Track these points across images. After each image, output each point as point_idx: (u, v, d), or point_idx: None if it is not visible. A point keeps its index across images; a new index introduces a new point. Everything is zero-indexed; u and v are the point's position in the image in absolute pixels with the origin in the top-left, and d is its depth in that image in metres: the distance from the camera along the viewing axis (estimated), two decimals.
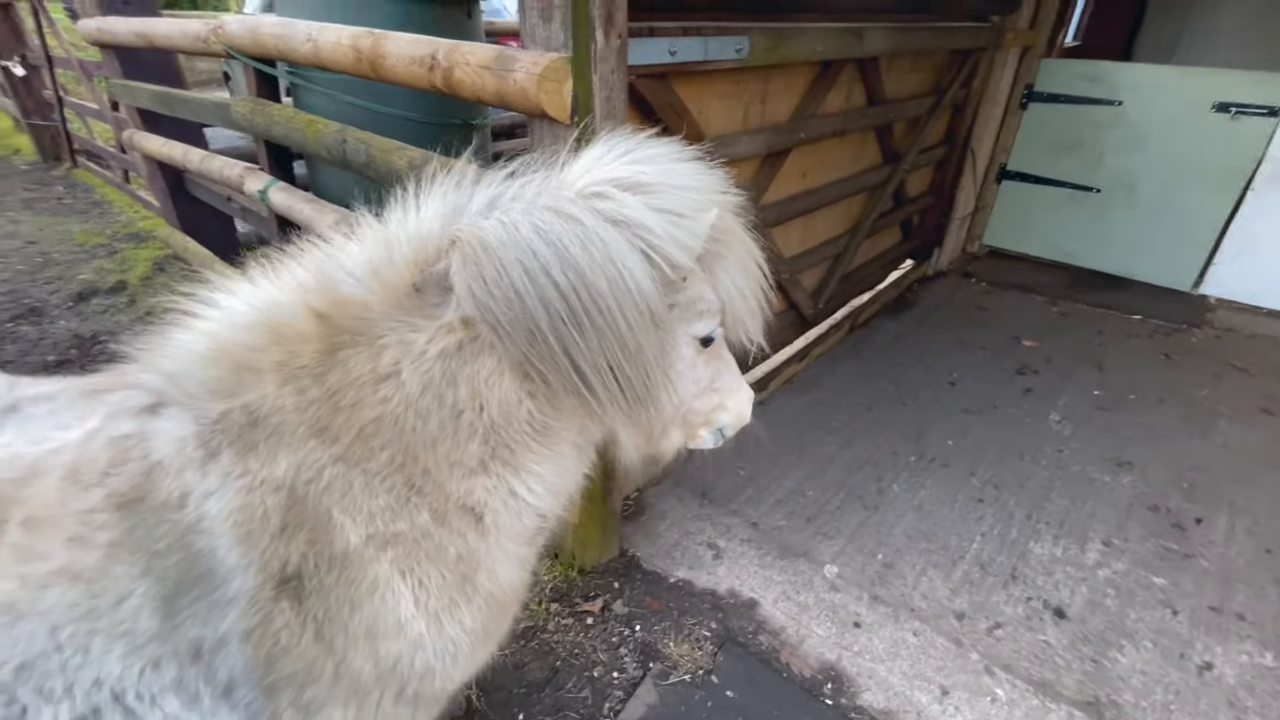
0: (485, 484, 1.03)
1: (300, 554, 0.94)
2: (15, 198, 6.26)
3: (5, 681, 0.86)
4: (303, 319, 0.93)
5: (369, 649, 1.01)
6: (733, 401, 1.27)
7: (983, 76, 4.27)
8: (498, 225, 0.90)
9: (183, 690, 0.94)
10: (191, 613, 0.91)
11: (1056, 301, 4.60)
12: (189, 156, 3.38)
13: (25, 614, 0.86)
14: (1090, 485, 2.86)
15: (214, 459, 0.92)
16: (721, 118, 2.46)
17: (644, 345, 0.96)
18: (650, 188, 0.96)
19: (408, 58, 1.74)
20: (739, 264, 1.09)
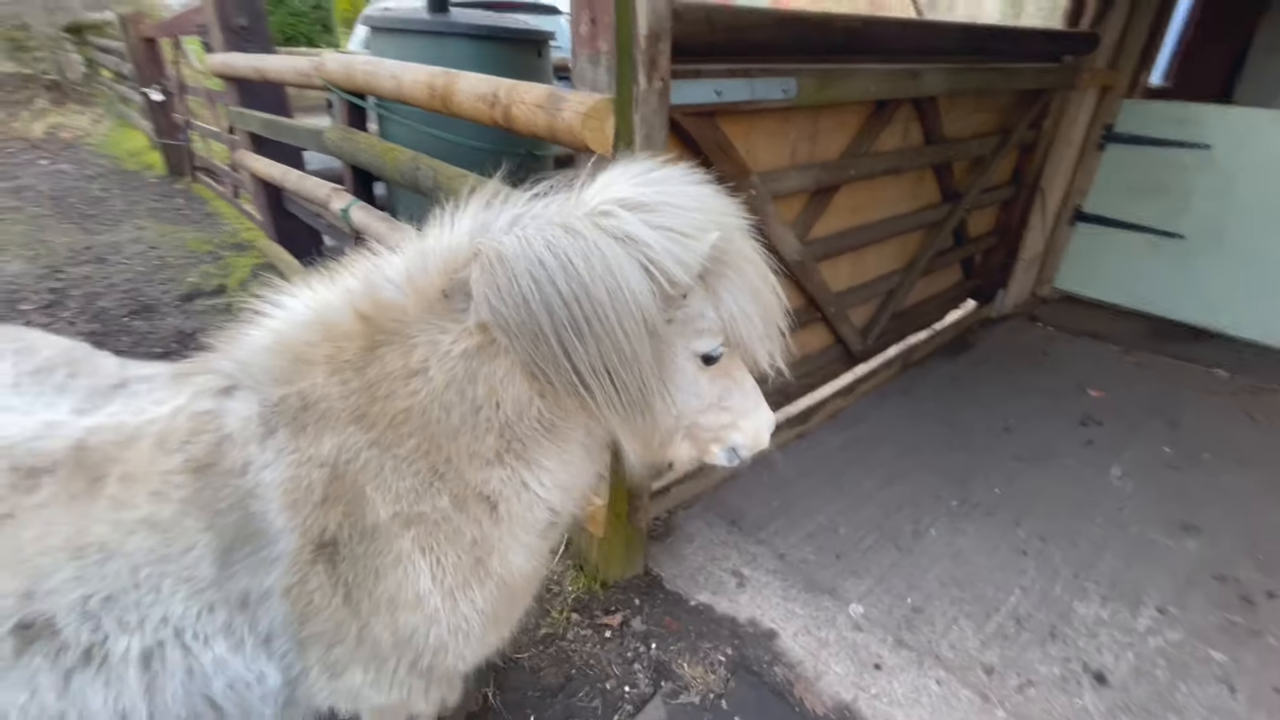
0: (500, 475, 1.13)
1: (336, 524, 1.07)
2: (144, 207, 7.05)
3: (93, 610, 1.03)
4: (349, 319, 1.07)
5: (389, 617, 1.13)
6: (747, 423, 1.28)
7: (1054, 117, 4.16)
8: (513, 239, 1.01)
9: (231, 634, 1.08)
10: (243, 566, 1.06)
11: (1131, 351, 4.35)
12: (287, 176, 3.76)
13: (114, 554, 1.03)
14: (1150, 547, 2.69)
15: (272, 436, 1.07)
16: (768, 154, 2.53)
17: (639, 353, 1.02)
18: (652, 207, 1.03)
19: (473, 95, 1.93)
20: (745, 286, 1.12)
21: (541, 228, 1.02)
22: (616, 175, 1.11)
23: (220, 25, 4.20)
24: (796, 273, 2.87)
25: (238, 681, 1.13)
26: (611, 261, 0.99)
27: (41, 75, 11.15)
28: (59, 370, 1.26)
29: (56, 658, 1.04)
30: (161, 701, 1.09)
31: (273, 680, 1.15)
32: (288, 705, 1.24)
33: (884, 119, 2.91)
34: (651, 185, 1.06)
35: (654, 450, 1.24)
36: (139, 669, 1.06)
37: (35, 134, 9.98)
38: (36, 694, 1.05)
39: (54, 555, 1.02)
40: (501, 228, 1.06)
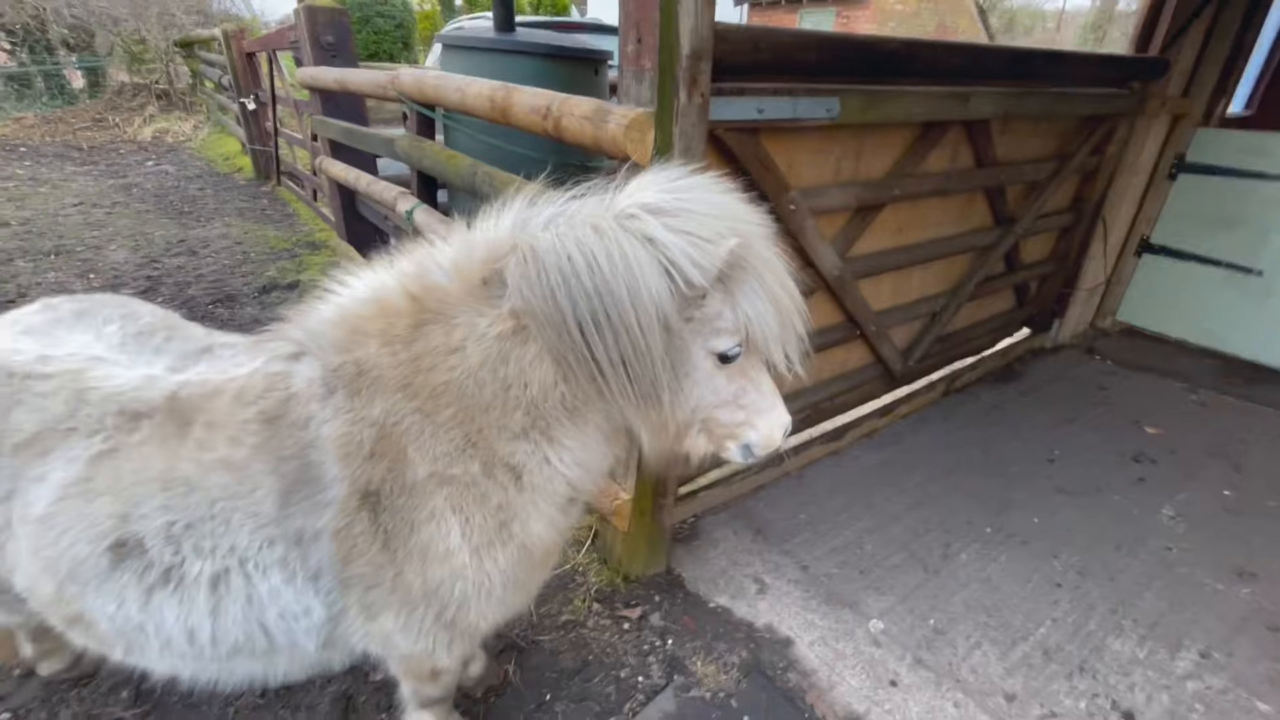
0: (525, 448, 1.25)
1: (381, 477, 1.21)
2: (233, 206, 7.65)
3: (175, 535, 1.20)
4: (401, 298, 1.21)
5: (420, 567, 1.25)
6: (762, 421, 1.33)
7: (1119, 143, 4.04)
8: (548, 236, 1.13)
9: (285, 568, 1.23)
10: (299, 507, 1.21)
11: (1196, 390, 4.14)
12: (360, 180, 4.05)
13: (196, 488, 1.20)
14: (1198, 590, 2.56)
15: (331, 396, 1.22)
16: (811, 171, 2.60)
17: (652, 347, 1.11)
18: (674, 212, 1.12)
19: (528, 107, 2.08)
20: (763, 291, 1.19)
21: (574, 226, 1.13)
22: (647, 181, 1.21)
23: (311, 41, 4.58)
24: (835, 288, 2.90)
25: (288, 612, 1.27)
26: (632, 261, 1.08)
27: (153, 85, 12.25)
28: (158, 334, 1.47)
29: (142, 575, 1.21)
30: (223, 624, 1.24)
31: (317, 615, 1.29)
32: (327, 644, 1.38)
33: (932, 140, 2.93)
34: (677, 191, 1.15)
35: (669, 440, 1.31)
36: (208, 591, 1.22)
37: (144, 137, 10.97)
38: (123, 605, 1.23)
39: (147, 486, 1.20)
40: (539, 224, 1.17)
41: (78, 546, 1.20)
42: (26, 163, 9.00)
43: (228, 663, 1.35)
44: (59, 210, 6.97)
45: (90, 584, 1.22)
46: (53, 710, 1.96)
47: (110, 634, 1.29)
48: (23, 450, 1.23)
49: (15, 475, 1.24)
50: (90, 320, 1.46)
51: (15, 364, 1.29)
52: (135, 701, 1.99)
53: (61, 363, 1.31)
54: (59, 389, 1.26)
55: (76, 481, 1.20)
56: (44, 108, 11.69)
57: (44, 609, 1.34)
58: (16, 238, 6.03)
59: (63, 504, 1.20)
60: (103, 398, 1.26)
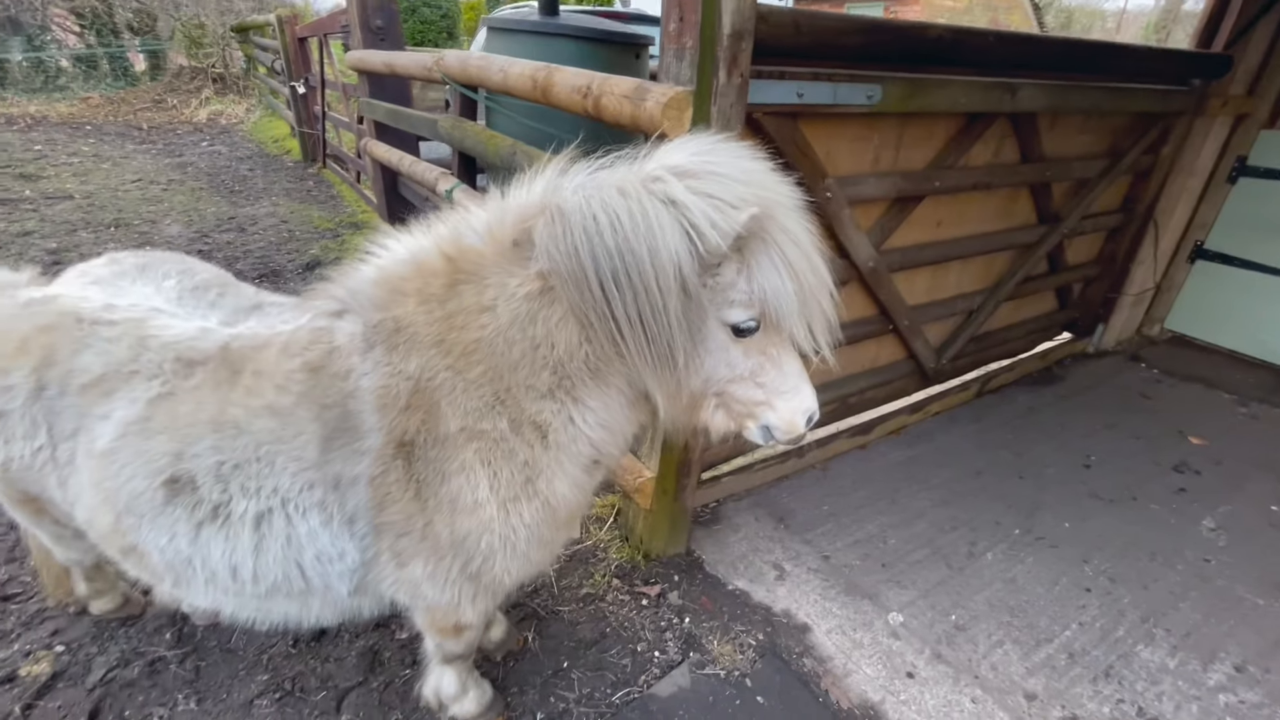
0: (551, 407, 1.28)
1: (415, 429, 1.26)
2: (280, 187, 7.90)
3: (225, 474, 1.27)
4: (437, 259, 1.26)
5: (449, 517, 1.30)
6: (783, 404, 1.29)
7: (1175, 143, 3.89)
8: (575, 197, 1.15)
9: (323, 511, 1.29)
10: (339, 454, 1.27)
11: (1247, 403, 3.98)
12: (403, 161, 4.15)
13: (244, 431, 1.27)
14: (1237, 604, 2.48)
15: (370, 350, 1.28)
16: (849, 159, 2.57)
17: (669, 308, 1.12)
18: (699, 175, 1.12)
19: (569, 87, 2.11)
20: (783, 264, 1.15)
21: (601, 188, 1.15)
22: (676, 146, 1.22)
23: (361, 25, 4.70)
24: (869, 280, 2.87)
25: (324, 554, 1.33)
26: (654, 221, 1.09)
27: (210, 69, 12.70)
28: (212, 289, 1.55)
29: (193, 510, 1.28)
30: (264, 561, 1.31)
31: (351, 558, 1.35)
32: (359, 590, 1.44)
33: (975, 132, 2.87)
34: (704, 155, 1.16)
35: (683, 409, 1.31)
36: (251, 529, 1.29)
37: (200, 119, 11.39)
38: (174, 539, 1.30)
39: (200, 427, 1.27)
40: (569, 188, 1.19)
41: (135, 481, 1.28)
42: (91, 140, 9.43)
43: (266, 601, 1.42)
44: (119, 185, 7.30)
45: (145, 516, 1.30)
46: (103, 645, 2.08)
47: (161, 566, 1.37)
48: (89, 390, 1.31)
49: (82, 413, 1.32)
50: (151, 274, 1.55)
51: (84, 310, 1.38)
52: (178, 642, 2.10)
53: (125, 312, 1.39)
54: (123, 335, 1.34)
55: (137, 420, 1.28)
56: (108, 89, 12.23)
57: (102, 540, 1.43)
58: (80, 210, 6.34)
59: (124, 440, 1.28)
60: (162, 345, 1.34)
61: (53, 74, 12.01)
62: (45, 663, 2.01)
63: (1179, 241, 4.48)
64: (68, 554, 1.84)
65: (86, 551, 1.81)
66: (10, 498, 1.59)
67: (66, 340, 1.34)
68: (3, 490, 1.57)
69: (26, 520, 1.71)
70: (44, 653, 2.05)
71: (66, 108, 11.05)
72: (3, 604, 2.21)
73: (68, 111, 10.93)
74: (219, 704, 1.92)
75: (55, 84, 11.92)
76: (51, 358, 1.33)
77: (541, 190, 1.22)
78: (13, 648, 2.06)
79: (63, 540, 1.76)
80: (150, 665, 2.02)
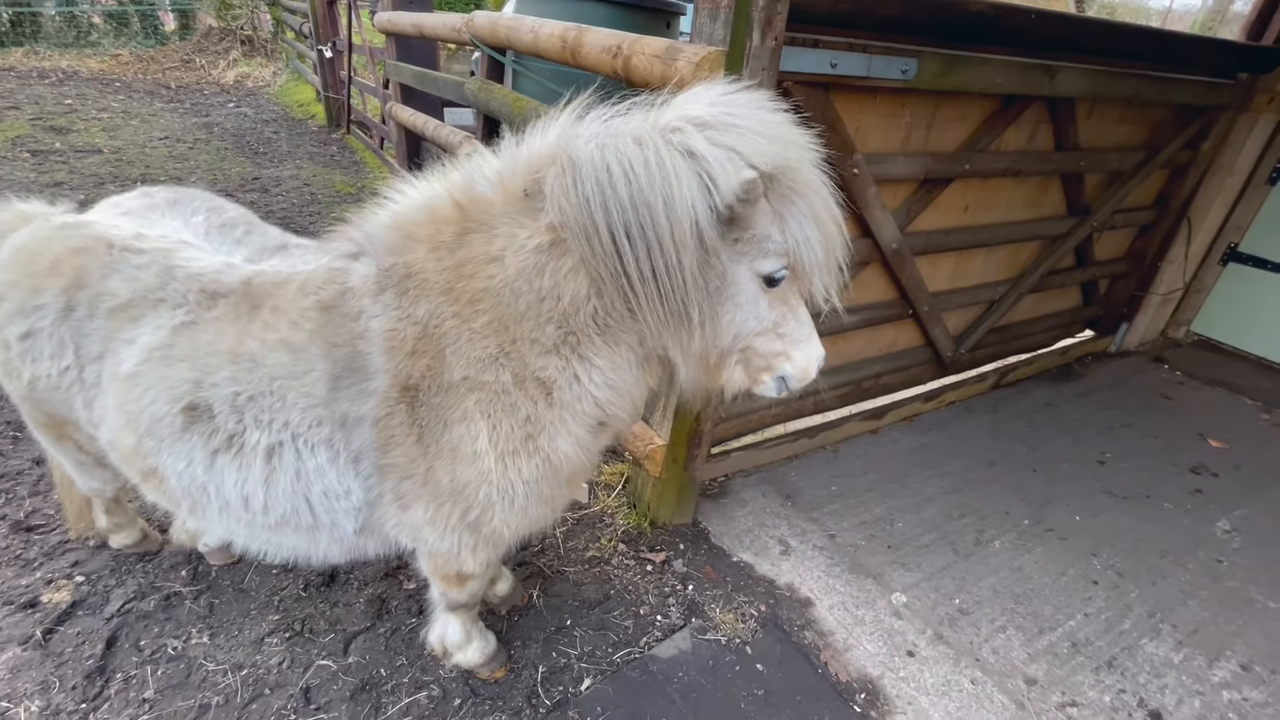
0: (556, 364, 1.27)
1: (420, 374, 1.26)
2: (304, 150, 7.92)
3: (240, 405, 1.29)
4: (449, 207, 1.25)
5: (450, 464, 1.31)
6: (799, 353, 1.30)
7: (1216, 139, 3.78)
8: (588, 146, 1.12)
9: (330, 448, 1.31)
10: (346, 393, 1.28)
11: (1271, 410, 3.90)
12: (427, 125, 4.15)
13: (259, 364, 1.28)
14: (1247, 605, 2.45)
15: (382, 293, 1.28)
16: (879, 136, 2.53)
17: (685, 263, 1.09)
18: (719, 126, 1.09)
19: (599, 47, 2.09)
20: (811, 214, 1.16)
21: (616, 137, 1.12)
22: (696, 94, 1.18)
23: None
24: (892, 262, 2.84)
25: (330, 491, 1.35)
26: (670, 174, 1.06)
27: (238, 31, 12.71)
28: (239, 228, 1.56)
29: (209, 438, 1.30)
30: (274, 493, 1.34)
31: (356, 496, 1.37)
32: (365, 529, 1.46)
33: (1010, 116, 2.81)
34: (725, 105, 1.12)
35: (708, 370, 1.29)
36: (263, 461, 1.31)
37: (227, 80, 11.42)
38: (191, 465, 1.33)
39: (219, 357, 1.29)
40: (583, 137, 1.16)
41: (157, 405, 1.30)
42: (120, 97, 9.50)
43: (276, 533, 1.45)
44: (146, 142, 7.36)
45: (165, 440, 1.33)
46: (120, 578, 2.14)
47: (178, 491, 1.40)
48: (117, 314, 1.34)
49: (109, 337, 1.35)
50: (181, 209, 1.57)
51: (115, 237, 1.40)
52: (193, 580, 2.15)
53: (154, 241, 1.41)
54: (151, 263, 1.36)
55: (160, 346, 1.30)
56: (139, 46, 12.29)
57: (124, 462, 1.46)
58: (108, 164, 6.41)
59: (147, 365, 1.30)
60: (188, 275, 1.36)
61: (84, 29, 12.09)
62: (65, 591, 2.07)
63: (1212, 242, 4.37)
64: (89, 483, 1.89)
65: (107, 481, 1.86)
66: (36, 420, 1.63)
67: (97, 264, 1.36)
68: (29, 411, 1.61)
69: (49, 443, 1.75)
70: (65, 582, 2.11)
71: (97, 63, 11.13)
72: (27, 534, 2.27)
73: (98, 67, 11.01)
74: (231, 639, 1.97)
75: (87, 39, 12.00)
76: (82, 280, 1.35)
77: (555, 138, 1.19)
78: (35, 575, 2.12)
79: (84, 468, 1.80)
80: (166, 599, 2.08)
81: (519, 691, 1.89)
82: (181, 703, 1.78)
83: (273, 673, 1.88)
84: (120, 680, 1.83)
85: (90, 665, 1.85)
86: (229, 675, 1.86)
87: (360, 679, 1.88)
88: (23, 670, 1.83)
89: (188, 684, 1.83)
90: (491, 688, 1.89)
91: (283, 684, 1.86)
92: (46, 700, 1.76)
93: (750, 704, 1.92)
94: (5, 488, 2.46)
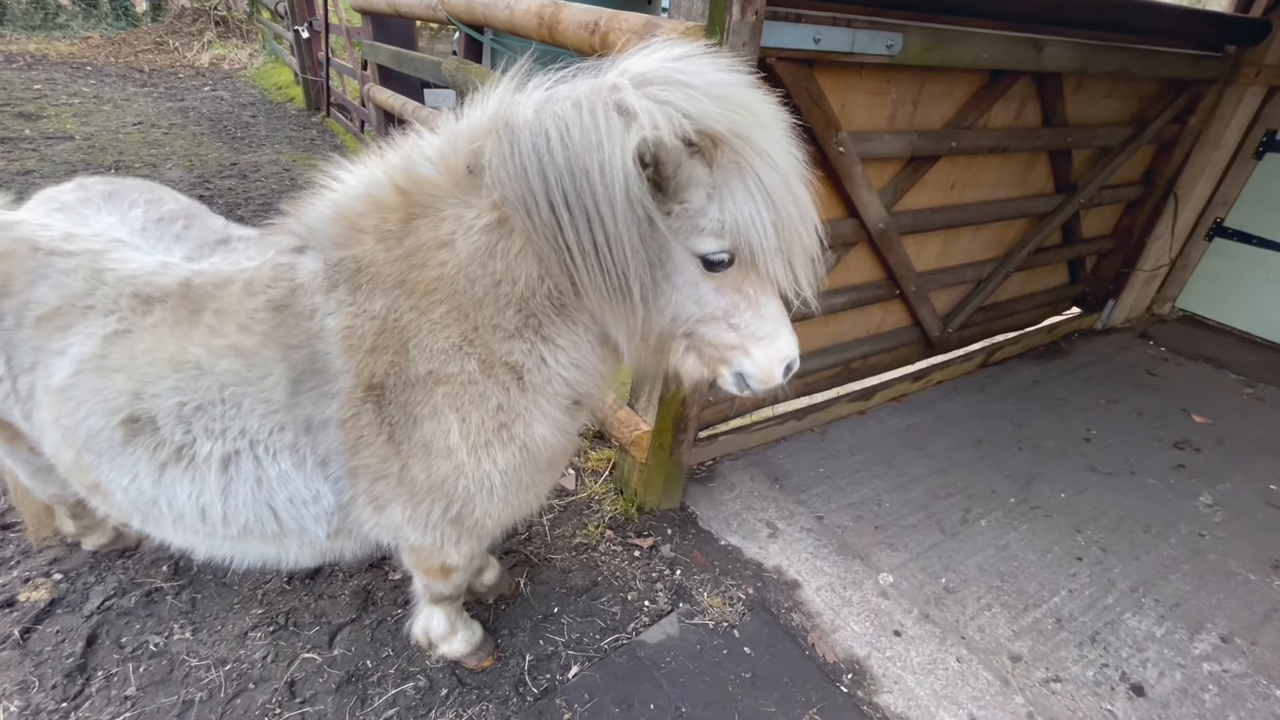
0: (522, 347, 1.22)
1: (384, 371, 1.22)
2: (283, 135, 7.75)
3: (187, 415, 1.24)
4: (391, 193, 1.17)
5: (425, 461, 1.28)
6: (758, 350, 1.16)
7: (1204, 113, 3.76)
8: (525, 111, 1.03)
9: (295, 453, 1.27)
10: (308, 396, 1.24)
11: (1254, 384, 3.93)
12: (405, 106, 4.05)
13: (206, 371, 1.23)
14: (1228, 579, 2.48)
15: (334, 290, 1.22)
16: (864, 113, 2.48)
17: (624, 235, 1.00)
18: (660, 82, 0.98)
19: (577, 23, 2.03)
20: (759, 191, 1.01)
21: (554, 101, 1.02)
22: (647, 52, 1.06)
23: None
24: (879, 243, 2.81)
25: (297, 497, 1.31)
26: (604, 132, 0.95)
27: (213, 11, 12.37)
28: (178, 221, 1.50)
29: (154, 451, 1.26)
30: (234, 504, 1.30)
31: (327, 501, 1.33)
32: (339, 533, 1.43)
33: (997, 91, 2.77)
34: (675, 63, 1.01)
35: (649, 351, 1.20)
36: (218, 471, 1.27)
37: (202, 63, 11.14)
38: (137, 479, 1.29)
39: (160, 367, 1.24)
40: (523, 104, 1.06)
41: (92, 419, 1.25)
42: (91, 81, 9.23)
43: (240, 542, 1.41)
44: (120, 128, 7.17)
45: (105, 455, 1.28)
46: (100, 575, 2.11)
47: (126, 505, 1.35)
48: (45, 323, 1.28)
49: (38, 348, 1.29)
50: (117, 202, 1.49)
51: (41, 239, 1.33)
52: (174, 575, 2.12)
53: (85, 242, 1.34)
54: (79, 267, 1.30)
55: (92, 357, 1.25)
56: (109, 29, 11.94)
57: (68, 475, 1.42)
58: (80, 151, 6.24)
59: (80, 377, 1.25)
60: (119, 279, 1.29)
61: (52, 11, 11.72)
62: (44, 590, 2.04)
63: (1198, 218, 4.37)
64: (46, 489, 1.83)
65: (65, 486, 1.80)
66: None
67: (22, 270, 1.30)
68: None
69: (2, 448, 1.69)
70: (43, 580, 2.08)
71: (66, 47, 10.81)
72: (2, 532, 2.23)
73: (67, 50, 10.69)
74: (214, 634, 1.95)
75: (55, 22, 11.65)
76: (7, 287, 1.29)
77: (495, 108, 1.10)
78: (11, 574, 2.08)
79: (40, 473, 1.74)
80: (147, 595, 2.05)
81: (506, 680, 1.88)
82: (164, 699, 1.77)
83: (257, 667, 1.87)
84: (101, 678, 1.81)
85: (70, 664, 1.83)
86: (212, 670, 1.85)
87: (346, 671, 1.87)
88: (1, 670, 1.80)
89: (170, 680, 1.82)
90: (479, 677, 1.88)
91: (267, 678, 1.84)
92: (26, 700, 1.73)
93: (738, 687, 1.92)
94: None
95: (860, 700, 1.92)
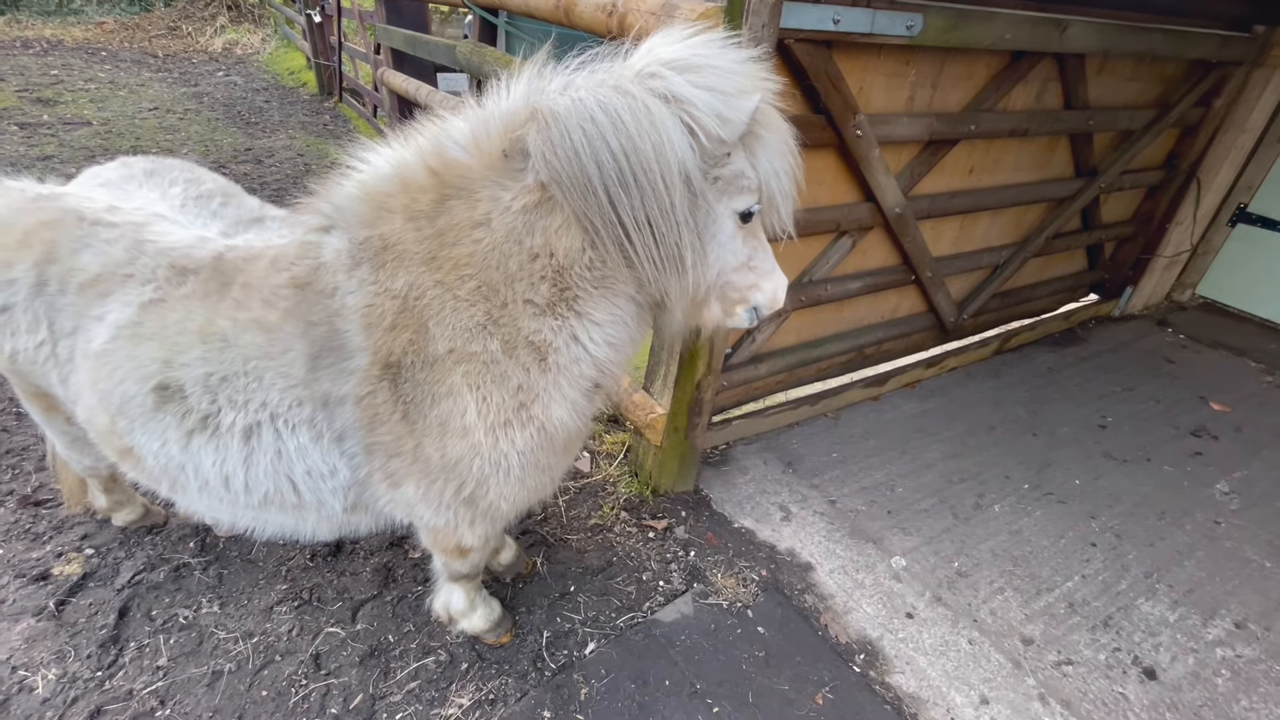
0: (552, 324, 1.25)
1: (402, 349, 1.24)
2: (296, 120, 7.78)
3: (213, 385, 1.28)
4: (423, 174, 1.20)
5: (439, 440, 1.30)
6: (768, 283, 1.34)
7: (1229, 96, 3.68)
8: (567, 99, 1.10)
9: (312, 428, 1.30)
10: (326, 372, 1.27)
11: (1274, 372, 3.88)
12: (419, 91, 4.05)
13: (232, 344, 1.27)
14: (1243, 565, 2.48)
15: (357, 268, 1.25)
16: (883, 96, 2.46)
17: (677, 206, 1.11)
18: (697, 68, 1.09)
19: (593, 4, 2.02)
20: (777, 148, 1.19)
21: (594, 88, 1.10)
22: (660, 40, 1.17)
23: None
24: (895, 227, 2.79)
25: (315, 470, 1.35)
26: (657, 119, 1.07)
27: None
28: (215, 199, 1.54)
29: (182, 419, 1.30)
30: (255, 473, 1.34)
31: (343, 476, 1.37)
32: (356, 507, 1.47)
33: (1018, 73, 2.73)
34: (695, 48, 1.12)
35: (695, 305, 1.31)
36: (241, 442, 1.31)
37: (215, 48, 11.16)
38: (166, 445, 1.33)
39: (189, 337, 1.28)
40: (555, 91, 1.13)
41: (127, 384, 1.30)
42: (107, 66, 9.29)
43: (260, 512, 1.45)
44: (136, 113, 7.22)
45: (137, 420, 1.32)
46: (130, 550, 2.17)
47: (155, 470, 1.40)
48: (87, 290, 1.32)
49: (80, 313, 1.34)
50: (158, 180, 1.54)
51: (86, 210, 1.38)
52: (201, 551, 2.18)
53: (127, 215, 1.39)
54: (121, 237, 1.34)
55: (129, 324, 1.29)
56: (123, 13, 11.98)
57: (100, 440, 1.47)
58: (98, 136, 6.30)
59: (116, 343, 1.29)
60: (158, 250, 1.33)
61: None
62: (76, 564, 2.10)
63: (1221, 203, 4.29)
64: (81, 460, 1.89)
65: (99, 458, 1.86)
66: (25, 391, 1.64)
67: (67, 237, 1.34)
68: (17, 383, 1.62)
69: (40, 417, 1.75)
70: (75, 554, 2.14)
71: (81, 32, 10.86)
72: (35, 508, 2.29)
73: (82, 36, 10.74)
74: (240, 609, 2.01)
75: (69, 7, 11.70)
76: (53, 254, 1.34)
77: (524, 94, 1.16)
78: (45, 549, 2.15)
79: (76, 444, 1.80)
80: (175, 570, 2.11)
81: (524, 655, 1.92)
82: (195, 669, 1.83)
83: (283, 640, 1.92)
84: (134, 649, 1.87)
85: (104, 635, 1.89)
86: (240, 643, 1.90)
87: (369, 645, 1.92)
88: (38, 640, 1.87)
89: (200, 651, 1.87)
90: (497, 652, 1.93)
91: (293, 650, 1.89)
92: (63, 669, 1.80)
93: (751, 665, 1.96)
94: (11, 463, 2.48)
95: (873, 680, 1.95)
